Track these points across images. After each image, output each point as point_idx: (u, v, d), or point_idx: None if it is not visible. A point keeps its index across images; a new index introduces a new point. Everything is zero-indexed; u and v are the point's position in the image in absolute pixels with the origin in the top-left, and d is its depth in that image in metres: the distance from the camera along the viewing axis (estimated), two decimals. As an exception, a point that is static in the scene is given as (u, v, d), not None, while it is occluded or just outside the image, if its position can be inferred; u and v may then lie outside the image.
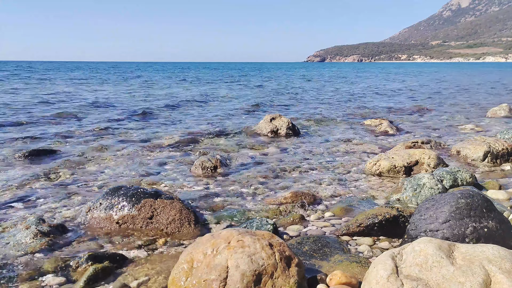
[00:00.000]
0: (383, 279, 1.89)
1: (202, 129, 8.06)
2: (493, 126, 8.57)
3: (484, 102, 13.93)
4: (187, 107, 12.10)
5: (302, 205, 3.70)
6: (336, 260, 2.61)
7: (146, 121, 9.28)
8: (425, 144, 6.07)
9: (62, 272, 2.46)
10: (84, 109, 10.99)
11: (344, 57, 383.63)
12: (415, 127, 8.65)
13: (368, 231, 3.01)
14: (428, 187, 3.78)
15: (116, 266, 2.53)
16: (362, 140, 7.05)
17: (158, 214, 3.16)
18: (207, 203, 3.82)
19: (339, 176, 4.78)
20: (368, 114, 10.66)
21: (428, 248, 2.00)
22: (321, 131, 8.03)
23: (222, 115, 10.33)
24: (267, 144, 6.66)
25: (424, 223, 2.64)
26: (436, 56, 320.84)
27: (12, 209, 3.64)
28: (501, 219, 2.64)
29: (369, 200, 3.92)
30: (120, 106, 12.11)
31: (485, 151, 5.22)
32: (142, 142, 6.75)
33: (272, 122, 7.87)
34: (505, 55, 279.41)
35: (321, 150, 6.27)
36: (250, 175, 4.81)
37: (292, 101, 14.35)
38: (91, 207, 3.30)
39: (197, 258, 2.12)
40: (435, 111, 11.48)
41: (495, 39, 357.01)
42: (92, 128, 7.95)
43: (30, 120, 8.82)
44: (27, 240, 2.81)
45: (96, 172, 4.87)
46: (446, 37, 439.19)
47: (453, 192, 2.78)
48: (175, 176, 4.74)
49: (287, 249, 2.21)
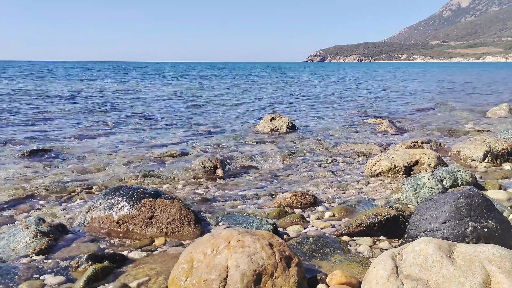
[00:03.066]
0: (383, 279, 1.89)
1: (203, 128, 8.07)
2: (493, 126, 8.57)
3: (484, 101, 13.93)
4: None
5: (302, 205, 3.70)
6: (336, 260, 2.61)
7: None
8: (425, 144, 6.07)
9: (62, 272, 2.46)
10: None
11: (344, 57, 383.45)
12: (415, 126, 8.65)
13: (368, 231, 3.00)
14: (428, 187, 3.78)
15: (116, 266, 2.53)
16: (362, 139, 7.05)
17: (158, 214, 3.16)
18: (207, 203, 3.82)
19: (339, 176, 4.78)
20: (368, 114, 10.67)
21: (428, 248, 2.00)
22: (322, 130, 8.03)
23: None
24: (267, 143, 6.65)
25: (424, 223, 2.64)
26: (436, 56, 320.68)
27: (12, 209, 3.64)
28: (501, 219, 2.64)
29: (369, 200, 3.92)
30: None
31: (485, 151, 5.22)
32: (143, 141, 6.75)
33: (272, 122, 7.87)
34: (505, 55, 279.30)
35: (321, 149, 6.27)
36: (250, 175, 4.81)
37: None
38: (91, 207, 3.30)
39: (197, 258, 2.11)
40: (435, 110, 11.48)
41: (495, 39, 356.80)
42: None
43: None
44: (27, 240, 2.80)
45: (96, 170, 4.87)
46: (446, 37, 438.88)
47: (453, 192, 2.78)
48: (175, 175, 4.74)
49: (287, 249, 2.21)
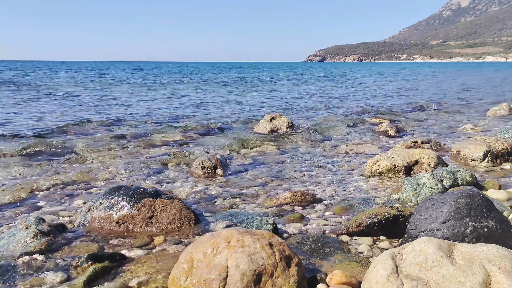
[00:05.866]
0: (383, 279, 1.89)
1: (202, 128, 8.07)
2: (493, 126, 8.57)
3: (484, 101, 13.93)
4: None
5: (302, 204, 3.70)
6: (336, 259, 2.61)
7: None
8: (425, 143, 6.07)
9: (62, 272, 2.46)
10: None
11: (344, 56, 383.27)
12: (415, 126, 8.65)
13: (368, 230, 3.01)
14: (428, 186, 3.78)
15: (116, 265, 2.53)
16: (362, 139, 7.05)
17: (158, 213, 3.16)
18: (207, 202, 3.82)
19: (339, 176, 4.78)
20: (368, 113, 10.67)
21: (428, 247, 2.00)
22: (322, 130, 8.03)
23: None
24: (267, 143, 6.65)
25: (424, 223, 2.64)
26: (436, 55, 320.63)
27: (12, 208, 3.64)
28: (501, 219, 2.64)
29: (369, 199, 3.92)
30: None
31: (485, 151, 5.22)
32: (143, 141, 6.75)
33: (272, 122, 7.87)
34: (505, 54, 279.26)
35: (321, 149, 6.27)
36: (249, 174, 4.81)
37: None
38: (91, 207, 3.30)
39: (197, 258, 2.12)
40: (435, 110, 11.48)
41: (495, 38, 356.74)
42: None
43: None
44: (27, 240, 2.81)
45: (96, 170, 4.87)
46: (446, 36, 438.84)
47: (453, 192, 2.78)
48: (175, 175, 4.74)
49: (287, 249, 2.21)
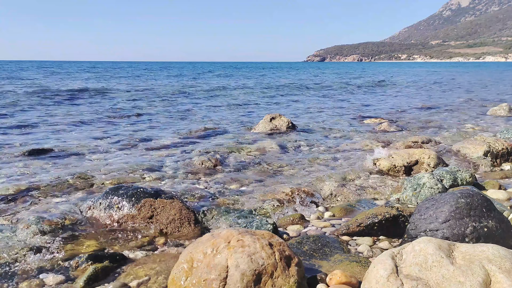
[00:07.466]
0: (383, 279, 1.89)
1: (203, 127, 8.07)
2: (493, 126, 8.57)
3: (484, 101, 13.93)
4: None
5: (302, 204, 3.70)
6: (336, 259, 2.61)
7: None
8: (425, 143, 6.07)
9: (62, 272, 2.46)
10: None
11: (344, 56, 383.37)
12: (415, 126, 8.65)
13: (368, 230, 3.01)
14: (428, 186, 3.78)
15: (116, 265, 2.53)
16: (362, 139, 7.04)
17: (158, 213, 3.16)
18: (207, 202, 3.82)
19: (339, 176, 4.77)
20: (368, 113, 10.67)
21: (428, 247, 2.00)
22: (322, 130, 8.03)
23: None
24: (267, 143, 6.65)
25: (424, 223, 2.64)
26: (436, 55, 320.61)
27: (12, 208, 3.64)
28: (501, 219, 2.64)
29: (369, 199, 3.92)
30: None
31: (485, 151, 5.22)
32: (143, 140, 6.75)
33: (272, 122, 7.87)
34: (505, 54, 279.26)
35: (321, 149, 6.27)
36: (249, 174, 4.81)
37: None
38: (91, 207, 3.30)
39: (197, 258, 2.11)
40: (435, 110, 11.48)
41: (495, 38, 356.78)
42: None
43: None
44: (27, 239, 2.81)
45: (96, 170, 4.87)
46: (446, 36, 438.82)
47: (453, 192, 2.78)
48: (175, 175, 4.74)
49: (287, 249, 2.21)
